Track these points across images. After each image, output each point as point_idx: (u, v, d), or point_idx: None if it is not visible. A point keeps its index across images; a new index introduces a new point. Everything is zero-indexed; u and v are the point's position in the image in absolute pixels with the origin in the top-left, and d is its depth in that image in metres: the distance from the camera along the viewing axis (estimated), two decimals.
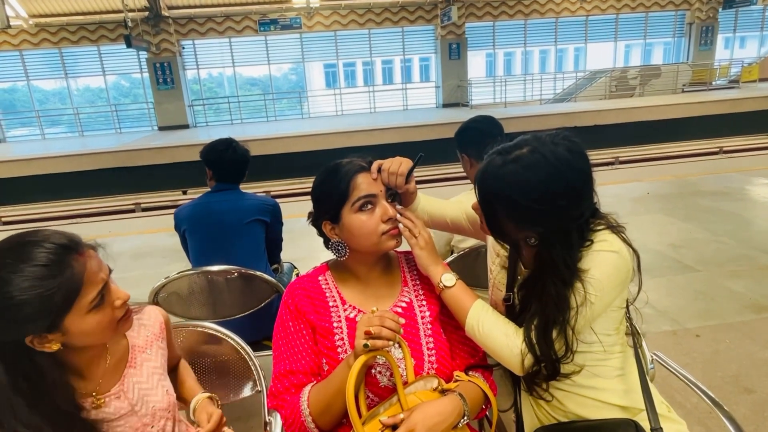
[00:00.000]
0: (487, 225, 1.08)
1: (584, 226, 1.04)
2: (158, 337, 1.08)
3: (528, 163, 0.98)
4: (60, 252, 0.81)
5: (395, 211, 1.10)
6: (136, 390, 1.00)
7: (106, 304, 0.87)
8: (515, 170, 0.98)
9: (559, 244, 1.01)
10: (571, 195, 0.99)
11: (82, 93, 16.19)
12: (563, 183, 0.98)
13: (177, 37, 14.33)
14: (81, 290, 0.82)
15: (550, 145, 0.99)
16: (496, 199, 1.02)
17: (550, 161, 0.97)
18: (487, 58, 19.43)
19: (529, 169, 0.97)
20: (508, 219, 1.02)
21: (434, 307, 1.16)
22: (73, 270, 0.82)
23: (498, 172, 1.01)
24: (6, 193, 10.25)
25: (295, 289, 1.17)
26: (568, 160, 0.98)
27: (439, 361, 1.11)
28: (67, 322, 0.82)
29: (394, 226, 1.10)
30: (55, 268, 0.80)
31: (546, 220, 0.99)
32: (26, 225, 8.06)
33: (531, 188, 0.97)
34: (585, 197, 1.02)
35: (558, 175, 0.97)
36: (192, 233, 2.04)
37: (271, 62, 15.60)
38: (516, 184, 0.98)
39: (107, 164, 10.73)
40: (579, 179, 0.99)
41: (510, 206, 1.00)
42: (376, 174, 1.11)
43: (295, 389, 1.07)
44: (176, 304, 1.80)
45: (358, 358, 0.95)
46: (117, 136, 14.47)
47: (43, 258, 0.80)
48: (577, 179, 0.99)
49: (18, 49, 13.99)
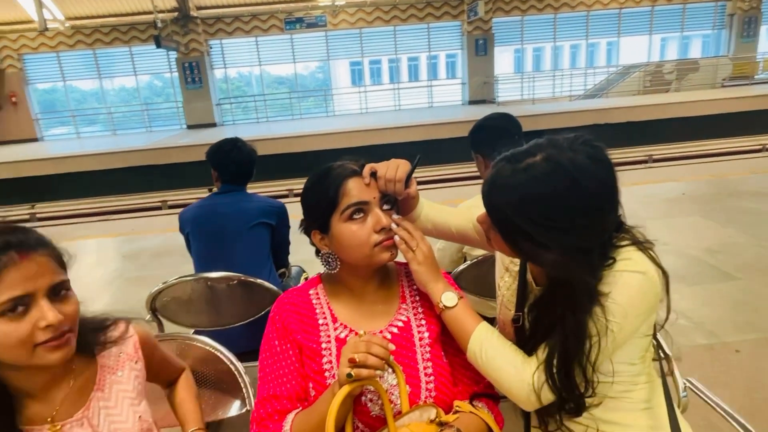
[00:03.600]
0: (501, 241, 0.95)
1: (607, 243, 0.91)
2: (132, 357, 0.98)
3: (541, 174, 0.85)
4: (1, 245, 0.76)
5: (390, 220, 0.99)
6: (102, 416, 0.91)
7: (25, 318, 0.77)
8: (526, 182, 0.86)
9: (578, 265, 0.87)
10: (592, 210, 0.86)
11: (118, 92, 16.60)
12: (583, 197, 0.84)
13: (205, 37, 14.52)
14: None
15: (568, 152, 0.85)
16: (506, 214, 0.89)
17: (568, 171, 0.84)
18: (516, 53, 19.04)
19: (543, 180, 0.84)
20: (521, 236, 0.89)
21: (435, 327, 1.04)
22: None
23: (507, 184, 0.88)
24: (41, 190, 10.57)
25: (284, 304, 1.07)
26: (589, 169, 0.84)
27: (438, 388, 0.99)
28: None
29: (388, 237, 0.98)
30: None
31: (563, 238, 0.86)
32: (59, 221, 8.29)
33: (545, 203, 0.85)
34: (609, 212, 0.88)
35: (577, 188, 0.84)
36: (195, 236, 1.98)
37: (296, 61, 15.64)
38: (527, 198, 0.86)
39: (136, 162, 10.93)
40: (602, 192, 0.86)
41: (521, 222, 0.87)
42: (369, 179, 1.00)
43: (278, 416, 0.97)
44: (174, 311, 1.74)
45: (341, 389, 0.84)
46: (147, 134, 14.78)
47: None
48: (599, 192, 0.86)
49: (55, 51, 14.44)
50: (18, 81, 14.43)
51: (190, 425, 1.10)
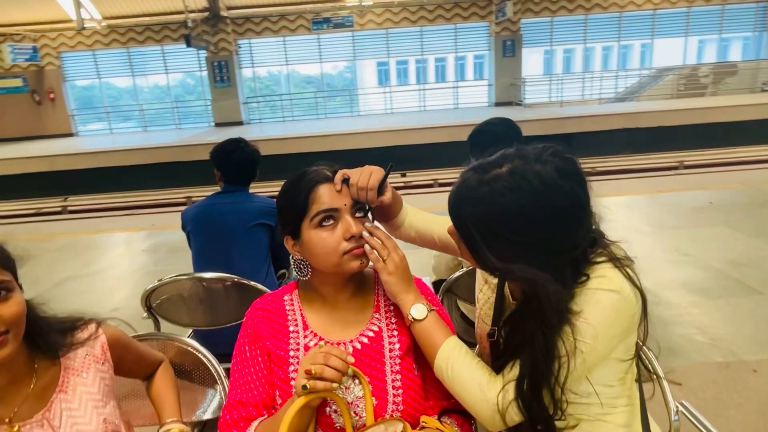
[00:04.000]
0: (469, 254, 0.92)
1: (580, 258, 0.86)
2: (98, 359, 0.99)
3: (506, 187, 0.82)
4: None
5: (361, 228, 0.97)
6: (64, 417, 0.92)
7: None
8: (490, 194, 0.83)
9: (545, 281, 0.83)
10: (558, 225, 0.82)
11: (152, 90, 17.03)
12: (548, 211, 0.81)
13: (234, 37, 14.76)
14: None
15: (535, 164, 0.82)
16: (470, 227, 0.86)
17: (533, 185, 0.81)
18: (545, 55, 18.71)
19: (507, 193, 0.81)
20: (487, 249, 0.85)
21: (407, 339, 1.01)
22: None
23: (471, 195, 0.85)
24: (75, 183, 10.94)
25: (256, 309, 1.07)
26: (556, 183, 0.81)
27: (406, 402, 0.96)
28: None
29: (358, 246, 0.96)
30: None
31: (530, 253, 0.83)
32: (90, 214, 8.56)
33: (508, 217, 0.82)
34: (577, 227, 0.84)
35: (542, 203, 0.81)
36: (195, 235, 2.00)
37: (323, 60, 15.75)
38: (491, 212, 0.83)
39: (164, 158, 11.20)
40: (569, 206, 0.82)
41: (487, 236, 0.84)
42: (340, 185, 0.98)
43: (243, 422, 0.96)
44: (169, 309, 1.76)
45: (297, 400, 0.83)
46: (176, 131, 15.12)
47: None
48: (566, 207, 0.82)
49: (91, 49, 14.91)
50: (56, 78, 14.98)
51: (166, 416, 1.11)
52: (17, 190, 10.75)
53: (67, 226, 7.07)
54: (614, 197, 5.66)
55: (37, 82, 14.90)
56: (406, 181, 9.17)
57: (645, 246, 4.05)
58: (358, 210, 0.99)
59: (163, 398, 1.14)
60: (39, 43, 14.54)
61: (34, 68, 14.74)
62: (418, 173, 9.39)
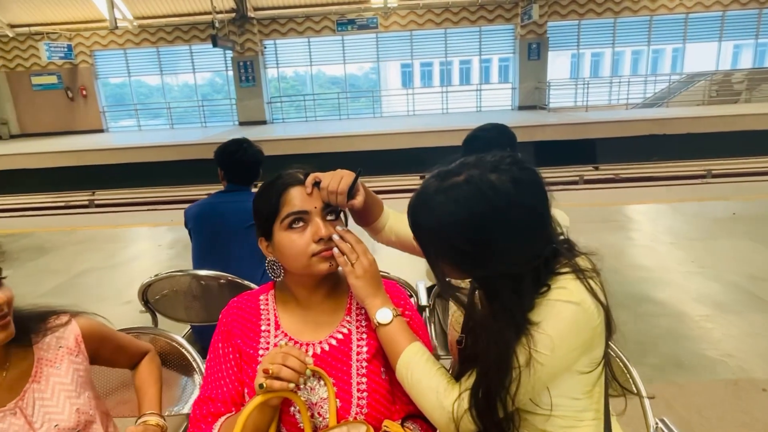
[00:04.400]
0: (427, 262, 0.92)
1: (541, 269, 0.85)
2: (72, 351, 1.02)
3: (460, 196, 0.81)
4: None
5: (330, 231, 0.98)
6: (37, 406, 0.95)
7: None
8: (446, 203, 0.82)
9: (505, 292, 0.83)
10: (513, 236, 0.81)
11: (182, 88, 17.41)
12: (502, 222, 0.80)
13: (260, 37, 14.99)
14: None
15: (490, 174, 0.82)
16: (428, 234, 0.86)
17: (487, 195, 0.80)
18: (572, 58, 18.40)
19: (462, 202, 0.81)
20: (443, 258, 0.85)
21: (375, 342, 1.01)
22: None
23: (429, 202, 0.85)
24: (103, 178, 11.27)
25: (232, 307, 1.09)
26: (510, 193, 0.80)
27: (371, 405, 0.97)
28: None
29: (327, 248, 0.97)
30: None
31: (486, 263, 0.82)
32: (114, 208, 8.82)
33: (463, 227, 0.81)
34: (534, 239, 0.83)
35: (495, 213, 0.80)
36: (195, 233, 2.04)
37: (346, 62, 15.84)
38: (446, 221, 0.82)
39: (188, 156, 11.43)
40: (525, 218, 0.81)
41: (441, 243, 0.84)
42: (311, 189, 0.99)
43: (212, 418, 0.98)
44: (166, 305, 1.80)
45: (254, 399, 0.84)
46: (202, 129, 15.43)
47: None
48: (521, 218, 0.81)
49: (122, 48, 15.36)
50: (89, 75, 15.47)
51: (146, 408, 1.14)
52: (49, 183, 11.14)
53: (92, 219, 7.31)
54: (635, 205, 5.54)
55: (71, 79, 15.43)
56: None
57: (662, 256, 3.95)
58: (330, 213, 1.00)
59: (145, 390, 1.17)
60: (74, 41, 15.04)
61: (68, 66, 15.26)
62: None
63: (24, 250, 4.99)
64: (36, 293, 3.82)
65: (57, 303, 1.09)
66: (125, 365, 1.21)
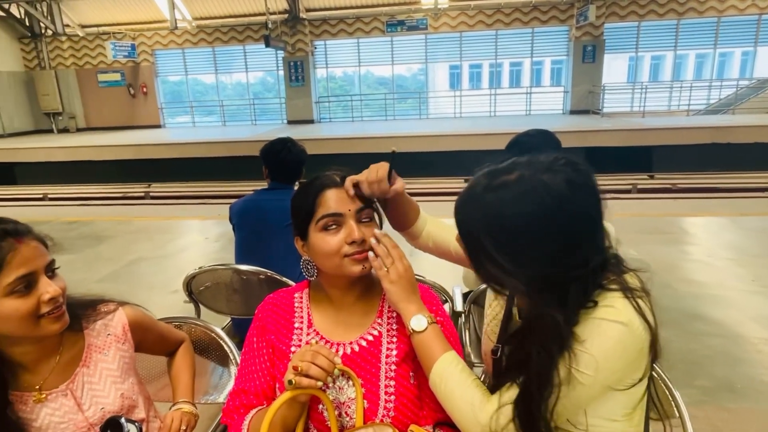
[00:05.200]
0: (471, 263, 0.90)
1: (589, 281, 0.80)
2: (120, 339, 1.08)
3: (513, 195, 0.79)
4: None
5: (362, 233, 0.98)
6: (86, 389, 1.01)
7: (31, 293, 0.89)
8: (496, 201, 0.80)
9: (550, 300, 0.80)
10: (564, 240, 0.78)
11: (235, 87, 18.02)
12: (553, 224, 0.77)
13: (311, 38, 15.28)
14: (1, 271, 0.85)
15: (545, 173, 0.78)
16: (475, 234, 0.83)
17: (540, 195, 0.77)
18: (630, 61, 17.68)
19: (514, 202, 0.78)
20: (490, 260, 0.83)
21: (405, 347, 1.01)
22: (1, 252, 0.85)
23: (478, 201, 0.83)
24: (159, 171, 11.83)
25: (267, 303, 1.11)
26: (565, 196, 0.77)
27: (398, 408, 0.96)
28: None
29: (360, 250, 0.97)
30: None
31: (534, 266, 0.79)
32: (168, 200, 9.23)
33: (511, 227, 0.79)
34: (585, 244, 0.80)
35: (548, 214, 0.77)
36: (239, 228, 2.10)
37: (395, 63, 15.89)
38: (494, 219, 0.80)
39: (238, 152, 11.80)
40: (576, 222, 0.78)
41: (490, 244, 0.81)
42: (352, 191, 0.99)
43: (244, 409, 1.01)
44: (209, 297, 1.86)
45: (283, 394, 0.86)
46: (251, 127, 15.90)
47: None
48: (573, 221, 0.77)
49: (181, 48, 16.06)
50: (149, 73, 16.28)
51: (179, 396, 1.19)
52: (109, 174, 11.80)
53: (146, 210, 7.68)
54: (692, 217, 5.25)
55: (133, 76, 16.29)
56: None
57: (720, 273, 3.72)
58: (364, 216, 1.01)
59: (179, 378, 1.22)
60: (137, 41, 15.87)
61: (131, 64, 16.12)
62: None
63: (84, 237, 5.31)
64: (92, 279, 4.05)
65: (111, 288, 1.15)
66: (163, 353, 1.26)
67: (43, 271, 0.91)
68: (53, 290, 0.91)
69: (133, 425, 0.99)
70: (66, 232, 5.47)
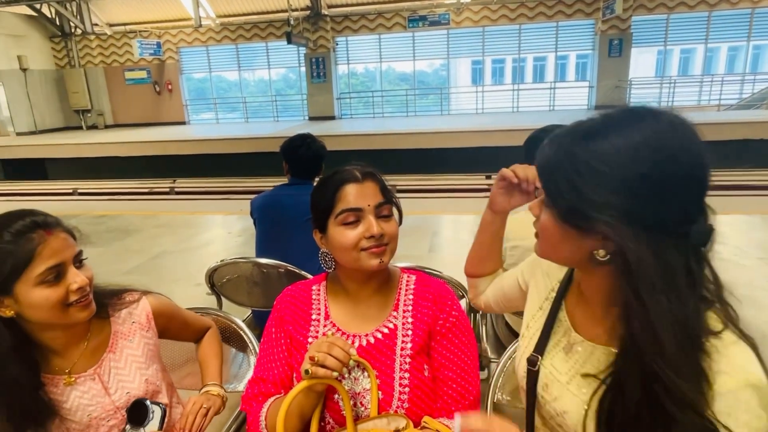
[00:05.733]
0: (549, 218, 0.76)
1: (690, 255, 0.68)
2: (144, 327, 1.12)
3: (624, 121, 0.69)
4: (29, 225, 0.90)
5: (381, 229, 0.99)
6: (112, 374, 1.06)
7: (60, 283, 0.93)
8: (601, 128, 0.70)
9: (647, 271, 0.65)
10: (682, 181, 0.66)
11: (257, 84, 18.22)
12: (675, 161, 0.65)
13: (332, 34, 15.32)
14: (32, 261, 0.89)
15: (652, 121, 0.68)
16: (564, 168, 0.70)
17: (662, 125, 0.67)
18: (658, 55, 17.23)
19: (626, 130, 0.67)
20: (577, 202, 0.69)
21: (420, 341, 1.02)
22: (32, 243, 0.89)
23: (574, 131, 0.73)
24: (183, 167, 12.07)
25: (286, 295, 1.14)
26: (688, 135, 0.67)
27: (412, 400, 0.98)
28: (17, 289, 0.90)
29: (377, 245, 0.99)
30: (17, 237, 0.88)
31: (636, 207, 0.66)
32: (193, 196, 9.41)
33: (624, 151, 0.66)
34: (691, 203, 0.68)
35: (654, 160, 0.65)
36: (259, 222, 2.14)
37: (416, 58, 15.83)
38: (600, 147, 0.68)
39: (260, 148, 11.95)
40: (698, 163, 0.67)
41: (584, 178, 0.68)
42: (515, 180, 1.06)
43: (262, 397, 1.04)
44: (230, 289, 1.90)
45: (299, 383, 0.88)
46: (274, 123, 16.06)
47: (15, 228, 0.89)
48: (696, 161, 0.67)
49: (205, 45, 16.30)
50: (174, 71, 16.59)
51: (208, 380, 1.23)
52: (136, 170, 12.09)
53: (171, 205, 7.85)
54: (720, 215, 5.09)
55: (159, 74, 16.61)
56: (489, 183, 8.99)
57: (748, 272, 3.62)
58: (384, 211, 1.02)
59: (207, 362, 1.26)
60: (162, 39, 16.17)
61: (156, 62, 16.44)
62: None
63: (111, 231, 5.46)
64: (120, 271, 4.17)
65: (137, 280, 1.20)
66: (190, 339, 1.30)
67: (71, 261, 0.96)
68: (81, 280, 0.95)
69: (158, 407, 1.04)
70: (95, 226, 5.64)
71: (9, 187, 10.84)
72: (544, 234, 0.80)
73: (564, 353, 0.86)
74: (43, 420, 0.96)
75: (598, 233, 0.70)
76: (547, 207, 0.77)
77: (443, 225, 5.22)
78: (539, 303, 0.98)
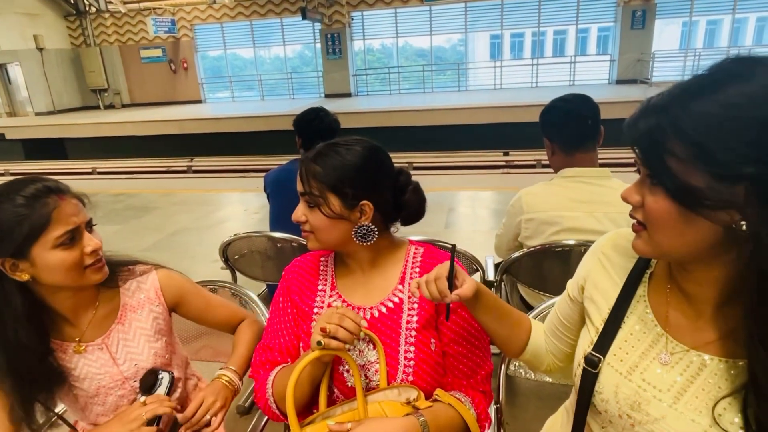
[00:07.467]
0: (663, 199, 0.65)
1: None
2: (152, 301, 1.13)
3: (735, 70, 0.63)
4: (43, 190, 0.91)
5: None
6: (120, 345, 1.07)
7: (75, 246, 0.95)
8: (710, 82, 0.64)
9: None
10: None
11: (273, 61, 18.09)
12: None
13: (348, 9, 15.06)
14: (49, 225, 0.91)
15: None
16: (682, 131, 0.62)
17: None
18: (683, 27, 16.61)
19: (745, 76, 0.61)
20: (706, 168, 0.60)
21: (425, 314, 1.00)
22: (48, 207, 0.91)
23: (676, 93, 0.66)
24: (200, 145, 12.14)
25: (294, 265, 1.14)
26: None
27: (417, 374, 0.97)
28: (34, 252, 0.91)
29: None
30: (32, 200, 0.90)
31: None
32: (210, 174, 9.48)
33: (760, 92, 0.59)
34: None
35: None
36: (273, 197, 2.14)
37: (433, 33, 15.51)
38: (725, 97, 0.60)
39: (276, 126, 11.93)
40: None
41: (713, 134, 0.60)
42: (417, 294, 0.95)
43: (269, 365, 1.05)
44: (244, 264, 1.91)
45: (309, 354, 0.87)
46: (289, 101, 15.99)
47: (29, 192, 0.90)
48: None
49: (219, 22, 16.19)
50: (189, 49, 16.54)
51: (230, 363, 1.20)
52: (153, 149, 12.21)
53: (189, 183, 7.92)
54: None
55: (174, 52, 16.59)
56: (507, 160, 8.85)
57: None
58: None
59: (237, 347, 1.21)
60: (176, 16, 16.09)
61: (171, 40, 16.40)
62: (521, 152, 9.02)
63: (130, 209, 5.54)
64: (138, 248, 4.24)
65: (155, 257, 1.20)
66: (219, 326, 1.25)
67: (84, 226, 0.98)
68: (94, 243, 0.98)
69: (167, 373, 1.05)
70: (113, 204, 5.73)
71: (30, 167, 11.06)
72: (660, 222, 0.67)
73: (660, 365, 0.75)
74: (51, 385, 0.99)
75: (729, 203, 0.60)
76: (655, 187, 0.66)
77: (460, 201, 5.18)
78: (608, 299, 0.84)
